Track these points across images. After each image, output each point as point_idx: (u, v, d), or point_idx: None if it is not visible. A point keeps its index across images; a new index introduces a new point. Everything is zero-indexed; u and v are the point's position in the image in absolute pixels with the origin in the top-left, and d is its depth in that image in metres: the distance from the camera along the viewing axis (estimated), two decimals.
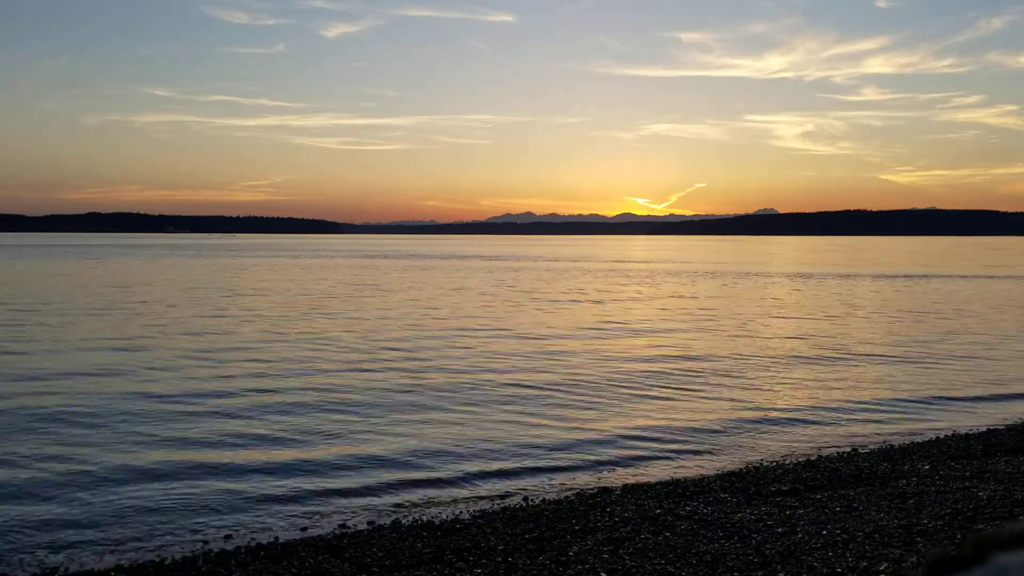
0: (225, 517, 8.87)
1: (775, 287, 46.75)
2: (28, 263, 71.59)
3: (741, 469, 10.57)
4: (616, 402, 14.84)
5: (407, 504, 9.35)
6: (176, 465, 10.63)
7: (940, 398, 15.52)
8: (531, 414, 13.72)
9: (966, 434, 12.53)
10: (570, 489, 9.84)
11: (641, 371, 18.07)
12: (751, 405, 14.65)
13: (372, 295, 39.38)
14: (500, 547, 7.51)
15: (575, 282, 51.10)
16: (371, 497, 9.57)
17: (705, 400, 15.06)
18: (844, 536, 7.48)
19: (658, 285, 48.54)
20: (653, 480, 10.16)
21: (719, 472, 10.48)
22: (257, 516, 8.92)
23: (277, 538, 8.18)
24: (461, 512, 8.91)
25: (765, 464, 10.85)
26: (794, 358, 20.22)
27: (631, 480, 10.20)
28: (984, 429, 12.91)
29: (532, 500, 9.36)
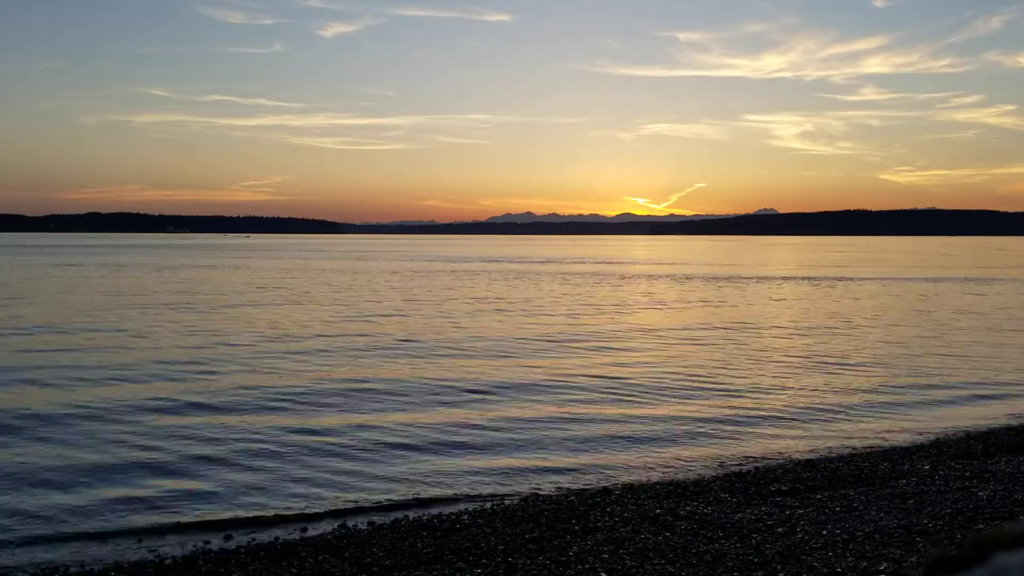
0: (225, 517, 8.87)
1: (774, 289, 46.75)
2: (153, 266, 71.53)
3: (741, 469, 10.57)
4: (615, 403, 14.83)
5: (407, 504, 9.36)
6: (175, 464, 10.64)
7: (939, 398, 15.52)
8: (531, 414, 13.71)
9: (966, 434, 12.53)
10: (570, 489, 9.84)
11: (640, 372, 18.07)
12: (751, 405, 14.65)
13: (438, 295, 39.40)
14: (500, 547, 7.51)
15: (592, 287, 51.12)
16: (372, 497, 9.57)
17: (705, 400, 15.05)
18: (844, 536, 7.48)
19: (661, 288, 48.53)
20: (653, 480, 10.16)
21: (719, 472, 10.47)
22: (257, 516, 8.92)
23: (277, 538, 8.19)
24: (461, 512, 8.90)
25: (765, 464, 10.85)
26: (793, 358, 20.21)
27: (631, 480, 10.20)
28: (984, 429, 12.91)
29: (532, 500, 9.36)
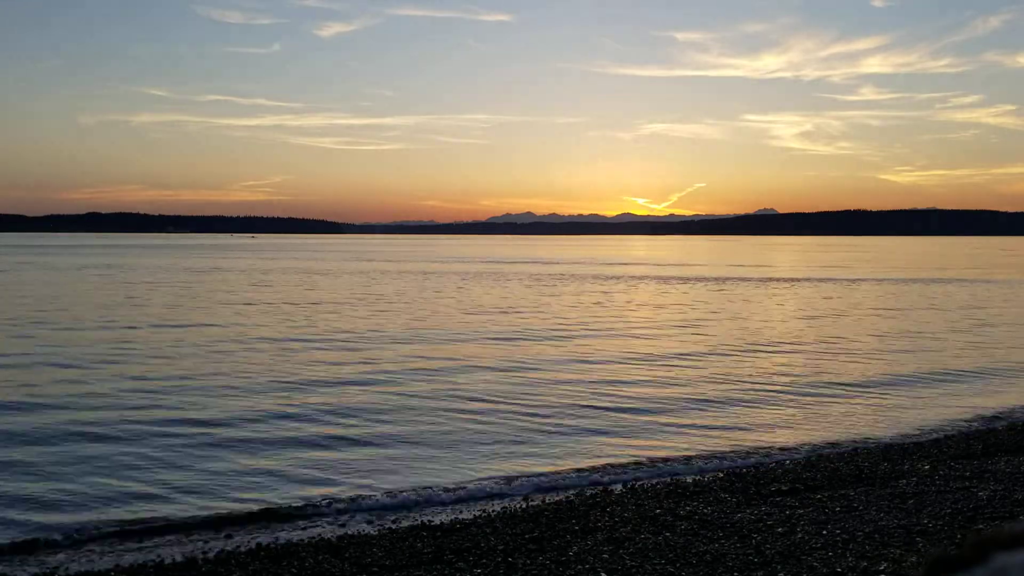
0: (226, 516, 8.87)
1: (773, 289, 46.78)
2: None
3: (741, 469, 10.57)
4: (616, 402, 14.83)
5: (407, 504, 9.36)
6: (176, 465, 10.64)
7: (939, 398, 15.52)
8: (531, 413, 13.71)
9: (966, 434, 12.53)
10: (570, 489, 9.84)
11: (640, 371, 18.07)
12: (750, 405, 14.65)
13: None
14: (500, 547, 7.51)
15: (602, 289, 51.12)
16: (371, 497, 9.57)
17: (704, 400, 15.05)
18: (844, 536, 7.48)
19: (663, 289, 48.57)
20: (653, 480, 10.17)
21: (719, 472, 10.48)
22: (258, 516, 8.92)
23: (277, 538, 8.19)
24: (461, 512, 8.91)
25: (765, 464, 10.85)
26: (793, 358, 20.21)
27: (631, 480, 10.20)
28: (984, 429, 12.91)
29: (532, 500, 9.37)
